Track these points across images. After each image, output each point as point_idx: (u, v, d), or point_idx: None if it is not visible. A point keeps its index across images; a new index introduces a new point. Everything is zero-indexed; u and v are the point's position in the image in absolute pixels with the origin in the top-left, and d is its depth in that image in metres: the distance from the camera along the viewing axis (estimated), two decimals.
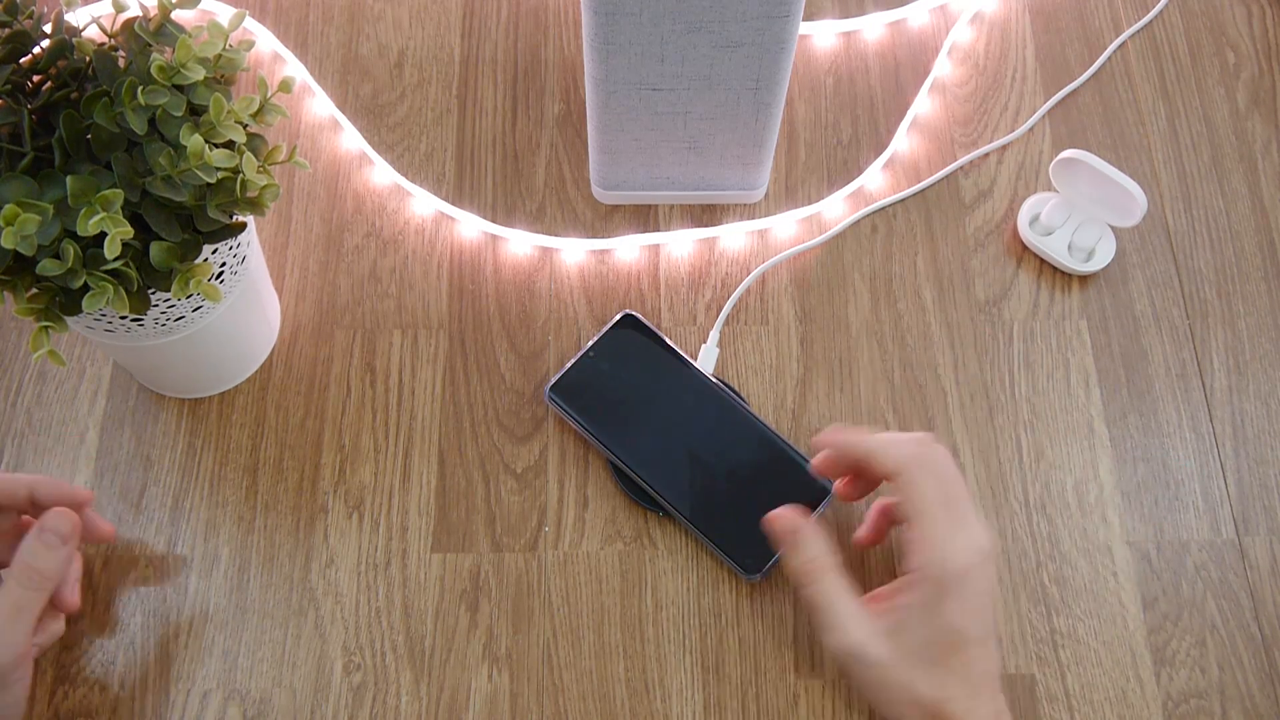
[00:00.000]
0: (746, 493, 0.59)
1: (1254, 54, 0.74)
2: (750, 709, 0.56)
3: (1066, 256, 0.66)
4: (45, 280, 0.47)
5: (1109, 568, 0.60)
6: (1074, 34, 0.74)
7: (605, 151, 0.64)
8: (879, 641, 0.52)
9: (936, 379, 0.64)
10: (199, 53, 0.47)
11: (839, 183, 0.69)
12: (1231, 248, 0.68)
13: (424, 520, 0.60)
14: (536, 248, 0.67)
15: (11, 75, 0.47)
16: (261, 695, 0.56)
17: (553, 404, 0.61)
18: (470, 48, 0.73)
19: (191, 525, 0.60)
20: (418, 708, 0.56)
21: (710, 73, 0.58)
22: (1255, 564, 0.60)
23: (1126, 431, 0.63)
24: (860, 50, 0.74)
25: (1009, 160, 0.70)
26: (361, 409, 0.62)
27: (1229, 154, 0.71)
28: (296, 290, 0.65)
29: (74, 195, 0.44)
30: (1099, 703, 0.57)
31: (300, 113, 0.71)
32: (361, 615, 0.58)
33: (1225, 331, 0.66)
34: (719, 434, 0.60)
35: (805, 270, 0.67)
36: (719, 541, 0.58)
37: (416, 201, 0.68)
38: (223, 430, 0.62)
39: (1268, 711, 0.57)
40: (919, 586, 0.51)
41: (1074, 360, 0.65)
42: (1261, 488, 0.62)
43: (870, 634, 0.52)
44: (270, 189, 0.50)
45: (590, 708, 0.56)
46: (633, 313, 0.64)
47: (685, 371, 0.62)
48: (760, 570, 0.58)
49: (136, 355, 0.57)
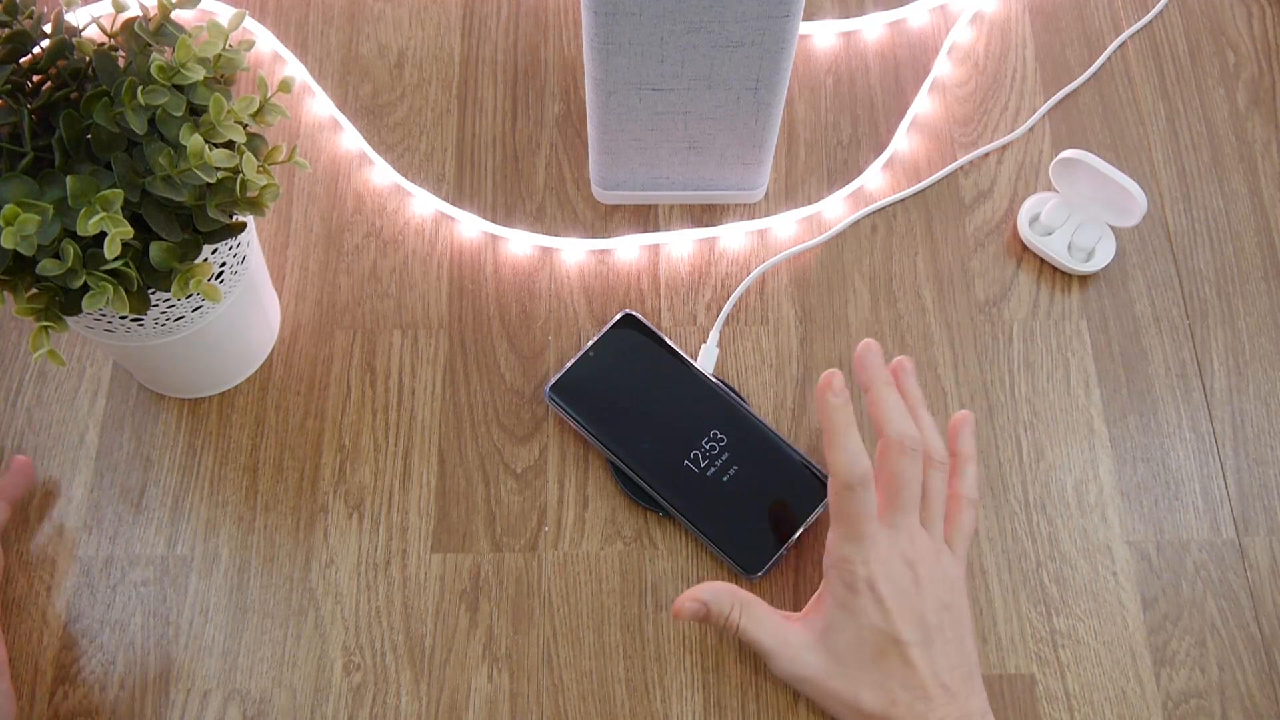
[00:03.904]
0: (746, 493, 0.59)
1: (1254, 54, 0.74)
2: (750, 709, 0.56)
3: (1066, 256, 0.66)
4: (45, 280, 0.47)
5: (1109, 568, 0.60)
6: (1074, 34, 0.74)
7: (605, 151, 0.64)
8: (811, 651, 0.53)
9: (936, 379, 0.64)
10: (199, 53, 0.47)
11: (839, 183, 0.69)
12: (1231, 248, 0.68)
13: (424, 520, 0.60)
14: (536, 248, 0.67)
15: (11, 75, 0.47)
16: (261, 695, 0.56)
17: (553, 404, 0.61)
18: (470, 48, 0.73)
19: (191, 525, 0.60)
20: (418, 708, 0.56)
21: (710, 73, 0.58)
22: (1255, 564, 0.60)
23: (1126, 431, 0.63)
24: (860, 50, 0.74)
25: (1009, 160, 0.70)
26: (361, 409, 0.62)
27: (1229, 154, 0.71)
28: (296, 290, 0.65)
29: (74, 195, 0.44)
30: (1099, 703, 0.57)
31: (300, 113, 0.71)
32: (361, 615, 0.58)
33: (1225, 331, 0.66)
34: (720, 433, 0.60)
35: (805, 270, 0.67)
36: (719, 541, 0.58)
37: (416, 201, 0.68)
38: (223, 430, 0.62)
39: (1268, 711, 0.57)
40: (831, 587, 0.53)
41: (1074, 360, 0.65)
42: (1261, 488, 0.62)
43: (800, 646, 0.53)
44: (270, 189, 0.50)
45: (590, 708, 0.56)
46: (633, 312, 0.64)
47: (685, 371, 0.62)
48: (760, 569, 0.58)
49: (136, 355, 0.57)
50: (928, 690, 0.51)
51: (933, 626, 0.52)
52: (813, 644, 0.53)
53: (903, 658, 0.51)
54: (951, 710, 0.51)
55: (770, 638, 0.53)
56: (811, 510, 0.59)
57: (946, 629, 0.52)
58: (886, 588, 0.52)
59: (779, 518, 0.59)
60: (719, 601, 0.54)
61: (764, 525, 0.58)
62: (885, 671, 0.51)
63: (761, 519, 0.59)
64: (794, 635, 0.53)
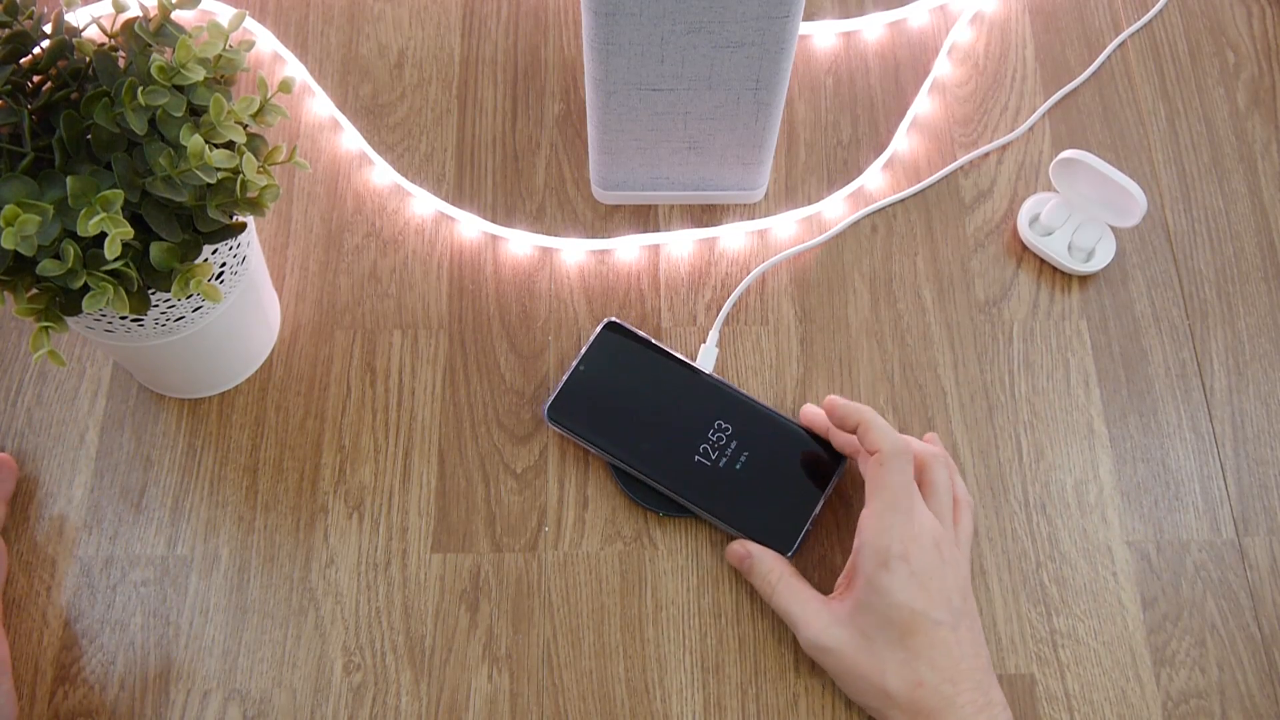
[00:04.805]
0: (762, 475, 0.59)
1: (1254, 54, 0.74)
2: (750, 709, 0.56)
3: (1066, 256, 0.66)
4: (45, 280, 0.47)
5: (1109, 568, 0.60)
6: (1074, 34, 0.74)
7: (605, 151, 0.64)
8: (839, 628, 0.53)
9: (936, 379, 0.64)
10: (199, 53, 0.47)
11: (839, 183, 0.69)
12: (1231, 248, 0.68)
13: (424, 520, 0.60)
14: (536, 248, 0.67)
15: (11, 75, 0.47)
16: (261, 695, 0.56)
17: (554, 425, 0.61)
18: (470, 48, 0.73)
19: (191, 525, 0.60)
20: (418, 708, 0.56)
21: (710, 73, 0.58)
22: (1255, 564, 0.60)
23: (1126, 431, 0.63)
24: (860, 50, 0.74)
25: (1009, 160, 0.70)
26: (361, 409, 0.62)
27: (1229, 154, 0.71)
28: (296, 290, 0.65)
29: (74, 195, 0.44)
30: (1099, 703, 0.57)
31: (300, 113, 0.71)
32: (361, 615, 0.58)
33: (1225, 331, 0.66)
34: (724, 423, 0.60)
35: (805, 270, 0.67)
36: (746, 529, 0.58)
37: (416, 201, 0.68)
38: (223, 430, 0.62)
39: (1268, 711, 0.57)
40: (863, 564, 0.53)
41: (1074, 360, 0.65)
42: (1261, 488, 0.62)
43: (829, 622, 0.54)
44: (270, 189, 0.50)
45: (590, 708, 0.56)
46: (615, 319, 0.64)
47: (678, 369, 0.62)
48: (792, 548, 0.58)
49: (136, 355, 0.57)
50: (955, 673, 0.51)
51: (958, 610, 0.52)
52: (843, 619, 0.53)
53: (930, 638, 0.51)
54: (976, 696, 0.51)
55: (801, 608, 0.55)
56: (829, 480, 0.59)
57: (969, 616, 0.53)
58: (919, 564, 0.52)
59: (798, 493, 0.59)
60: (764, 562, 0.57)
61: (786, 504, 0.59)
62: (913, 650, 0.51)
63: (782, 498, 0.59)
64: (825, 609, 0.54)
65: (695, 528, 0.60)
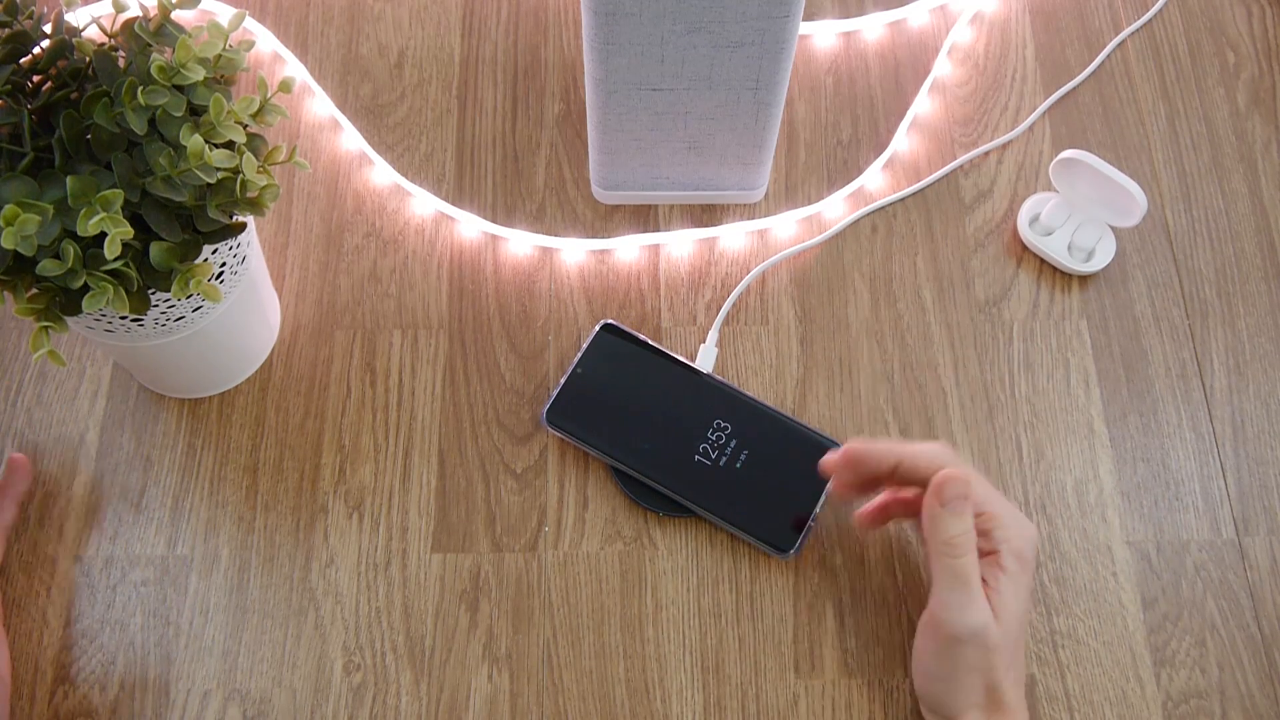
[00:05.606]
0: (762, 474, 0.59)
1: (1254, 54, 0.74)
2: (750, 709, 0.56)
3: (1066, 256, 0.66)
4: (45, 280, 0.47)
5: (1109, 568, 0.60)
6: (1074, 34, 0.74)
7: (605, 151, 0.64)
8: (995, 624, 0.51)
9: (936, 379, 0.64)
10: (199, 53, 0.47)
11: (839, 183, 0.69)
12: (1231, 248, 0.68)
13: (424, 520, 0.60)
14: (536, 248, 0.67)
15: (11, 75, 0.47)
16: (261, 695, 0.56)
17: (553, 430, 0.61)
18: (470, 48, 0.73)
19: (191, 525, 0.60)
20: (418, 708, 0.56)
21: (710, 73, 0.58)
22: (1255, 564, 0.60)
23: (1126, 431, 0.63)
24: (860, 50, 0.74)
25: (1009, 160, 0.70)
26: (361, 409, 0.62)
27: (1229, 154, 0.71)
28: (296, 290, 0.65)
29: (74, 195, 0.44)
30: (1099, 703, 0.57)
31: (300, 113, 0.71)
32: (361, 615, 0.58)
33: (1225, 331, 0.66)
34: (723, 421, 0.60)
35: (805, 270, 0.67)
36: (748, 528, 0.58)
37: (416, 201, 0.68)
38: (223, 430, 0.62)
39: (1268, 711, 0.57)
40: (1010, 563, 0.52)
41: (1074, 360, 0.65)
42: (1261, 488, 0.62)
43: (991, 616, 0.51)
44: (270, 189, 0.50)
45: (590, 708, 0.56)
46: (610, 321, 0.64)
47: (676, 369, 0.62)
48: (794, 546, 0.58)
49: (136, 355, 0.57)
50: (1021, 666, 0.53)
51: None
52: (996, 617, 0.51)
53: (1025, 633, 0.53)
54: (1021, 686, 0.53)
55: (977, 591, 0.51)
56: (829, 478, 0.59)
57: None
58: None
59: (799, 491, 0.59)
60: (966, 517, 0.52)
61: (786, 502, 0.59)
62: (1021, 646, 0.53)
63: (783, 496, 0.59)
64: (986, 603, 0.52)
65: (695, 528, 0.60)
